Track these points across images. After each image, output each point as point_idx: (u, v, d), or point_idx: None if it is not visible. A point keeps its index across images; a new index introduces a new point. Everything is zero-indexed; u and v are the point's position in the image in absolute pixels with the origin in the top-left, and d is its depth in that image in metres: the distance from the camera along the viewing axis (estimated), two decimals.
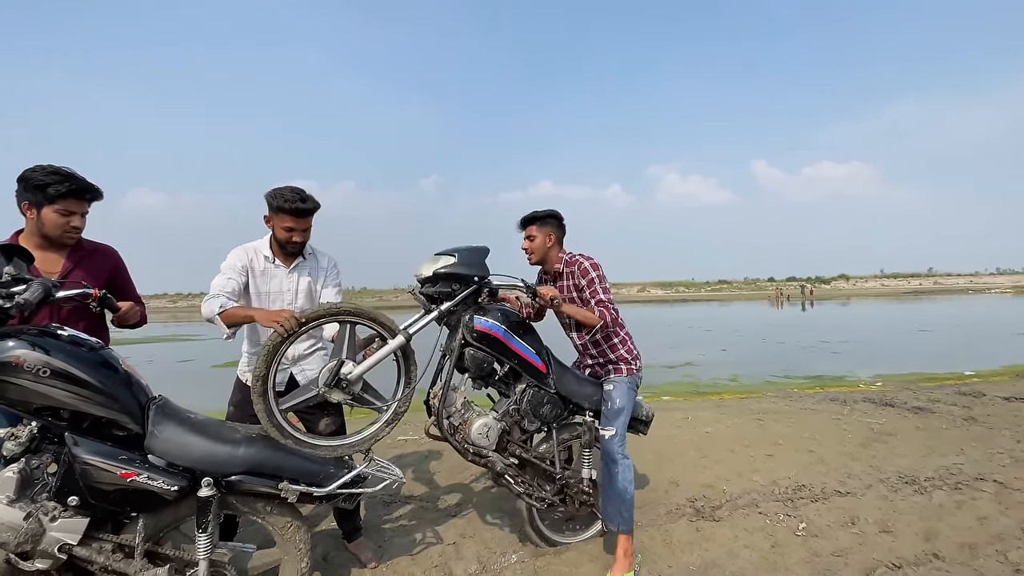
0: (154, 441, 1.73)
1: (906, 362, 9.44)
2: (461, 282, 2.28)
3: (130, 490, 1.66)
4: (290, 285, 2.42)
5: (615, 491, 2.46)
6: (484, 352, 2.33)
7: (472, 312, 2.31)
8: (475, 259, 2.31)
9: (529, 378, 2.47)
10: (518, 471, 2.48)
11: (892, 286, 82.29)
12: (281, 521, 1.93)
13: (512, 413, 2.45)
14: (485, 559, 2.59)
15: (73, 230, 2.02)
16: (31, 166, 1.94)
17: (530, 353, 2.46)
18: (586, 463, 2.65)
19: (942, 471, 3.57)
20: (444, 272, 2.25)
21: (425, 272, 2.28)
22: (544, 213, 2.65)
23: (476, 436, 2.30)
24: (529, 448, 2.55)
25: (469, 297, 2.30)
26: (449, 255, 2.28)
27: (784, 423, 4.98)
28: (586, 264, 2.56)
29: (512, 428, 2.47)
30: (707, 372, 9.19)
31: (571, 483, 2.60)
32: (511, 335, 2.39)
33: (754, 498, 3.24)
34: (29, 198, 1.94)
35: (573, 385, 2.60)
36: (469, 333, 2.28)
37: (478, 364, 2.33)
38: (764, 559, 2.53)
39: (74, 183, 1.95)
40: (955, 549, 2.57)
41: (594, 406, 2.63)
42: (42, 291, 1.54)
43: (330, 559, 2.58)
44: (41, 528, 1.59)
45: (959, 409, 5.30)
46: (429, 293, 2.30)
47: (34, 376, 1.55)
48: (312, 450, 1.98)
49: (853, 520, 2.89)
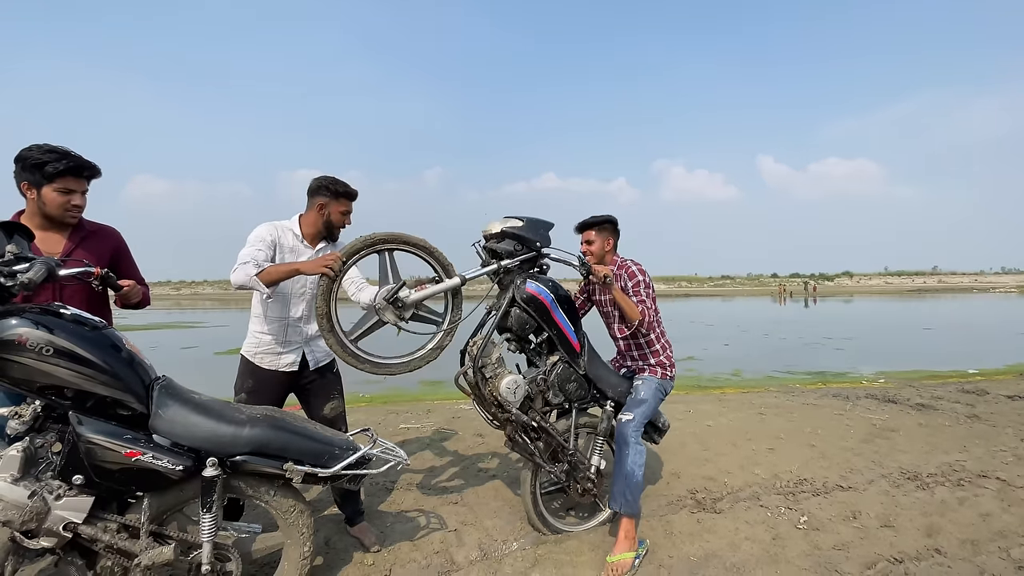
0: (159, 421, 1.73)
1: (909, 359, 9.42)
2: (524, 244, 2.41)
3: (135, 469, 1.66)
4: None
5: (623, 472, 2.49)
6: (528, 315, 2.43)
7: (526, 275, 2.43)
8: (540, 229, 2.46)
9: (563, 352, 2.55)
10: (533, 439, 2.53)
11: (896, 284, 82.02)
12: (285, 504, 1.93)
13: (540, 382, 2.51)
14: (486, 546, 2.60)
15: (74, 208, 2.02)
16: (27, 146, 1.93)
17: (569, 329, 2.55)
18: (597, 451, 2.71)
19: (945, 467, 3.56)
20: (511, 231, 2.39)
21: (494, 228, 2.41)
22: (603, 218, 2.78)
23: (504, 390, 2.34)
24: (548, 421, 2.59)
25: (527, 262, 2.43)
26: (518, 219, 2.42)
27: (786, 418, 4.98)
28: (633, 268, 2.70)
29: (536, 396, 2.51)
30: (709, 367, 9.19)
31: (579, 467, 2.64)
32: (556, 306, 2.49)
33: (755, 491, 3.24)
34: (28, 178, 1.93)
35: (601, 371, 2.69)
36: (519, 293, 2.39)
37: (521, 325, 2.44)
38: (765, 551, 2.53)
39: (72, 160, 1.95)
40: (957, 545, 2.56)
41: (617, 397, 2.70)
42: (45, 270, 1.54)
43: (332, 543, 2.59)
44: (46, 507, 1.59)
45: (962, 407, 5.29)
46: (492, 248, 2.42)
47: (37, 355, 1.55)
48: (388, 369, 2.21)
49: (855, 514, 2.88)
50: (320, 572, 2.34)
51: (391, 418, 5.07)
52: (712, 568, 2.40)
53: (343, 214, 2.50)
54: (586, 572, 2.38)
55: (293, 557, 1.97)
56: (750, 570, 2.38)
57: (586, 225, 2.79)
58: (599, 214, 2.79)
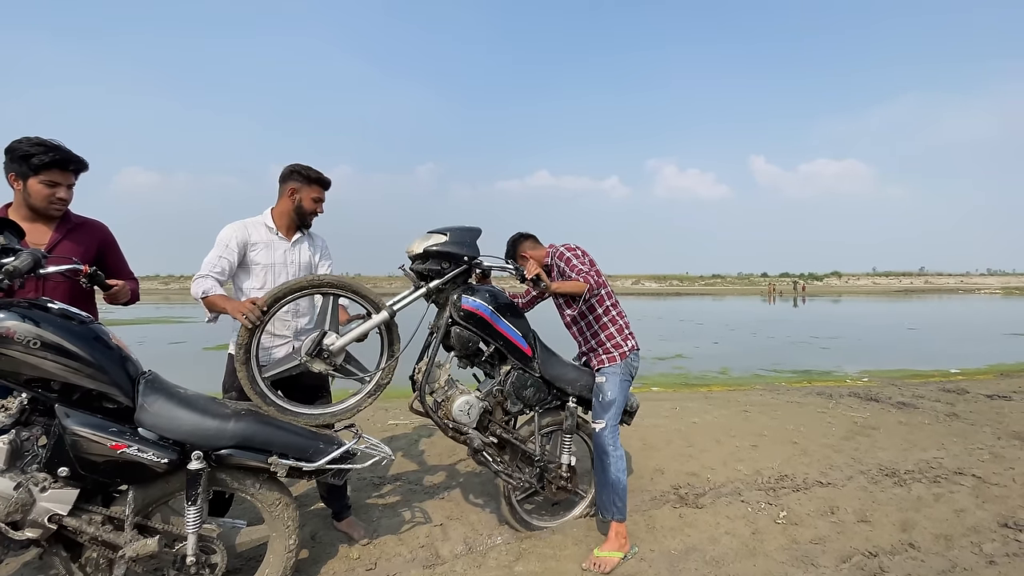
0: (144, 414, 1.75)
1: (893, 359, 9.58)
2: (451, 261, 2.31)
3: (120, 462, 1.67)
4: (292, 258, 2.48)
5: (608, 481, 2.51)
6: (470, 331, 2.36)
7: (460, 291, 2.34)
8: (466, 239, 2.34)
9: (514, 360, 2.50)
10: (498, 451, 2.52)
11: (884, 284, 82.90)
12: (270, 498, 1.95)
13: (496, 394, 2.48)
14: (471, 540, 2.63)
15: (59, 201, 2.01)
16: (17, 138, 1.94)
17: (516, 335, 2.48)
18: (566, 449, 2.68)
19: (922, 465, 3.64)
20: (435, 250, 2.27)
21: (416, 249, 2.30)
22: (510, 248, 2.78)
23: (457, 413, 2.33)
24: (511, 430, 2.58)
25: (458, 276, 2.33)
26: (441, 233, 2.30)
27: (770, 415, 5.05)
28: (560, 250, 2.68)
29: (495, 408, 2.50)
30: (697, 364, 9.27)
31: (550, 467, 2.64)
32: (498, 316, 2.41)
33: (737, 487, 3.30)
34: (15, 169, 1.94)
35: (558, 370, 2.63)
36: (456, 312, 2.31)
37: (464, 343, 2.36)
38: (744, 545, 2.59)
39: (58, 153, 1.95)
40: (931, 540, 2.63)
41: (578, 392, 2.66)
42: (31, 260, 1.55)
43: (318, 538, 2.61)
44: (31, 498, 1.60)
45: (942, 405, 5.40)
46: (419, 270, 2.32)
47: (24, 347, 1.56)
48: (293, 418, 2.02)
49: (832, 509, 2.95)
50: (306, 565, 2.36)
51: (379, 414, 5.09)
52: (692, 562, 2.44)
53: (315, 200, 2.45)
54: (569, 566, 2.42)
55: (278, 550, 1.99)
56: (729, 563, 2.43)
57: (511, 256, 2.78)
58: (507, 245, 2.80)
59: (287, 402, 2.07)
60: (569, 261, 2.61)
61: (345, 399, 2.20)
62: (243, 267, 2.39)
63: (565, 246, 2.68)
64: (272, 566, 1.99)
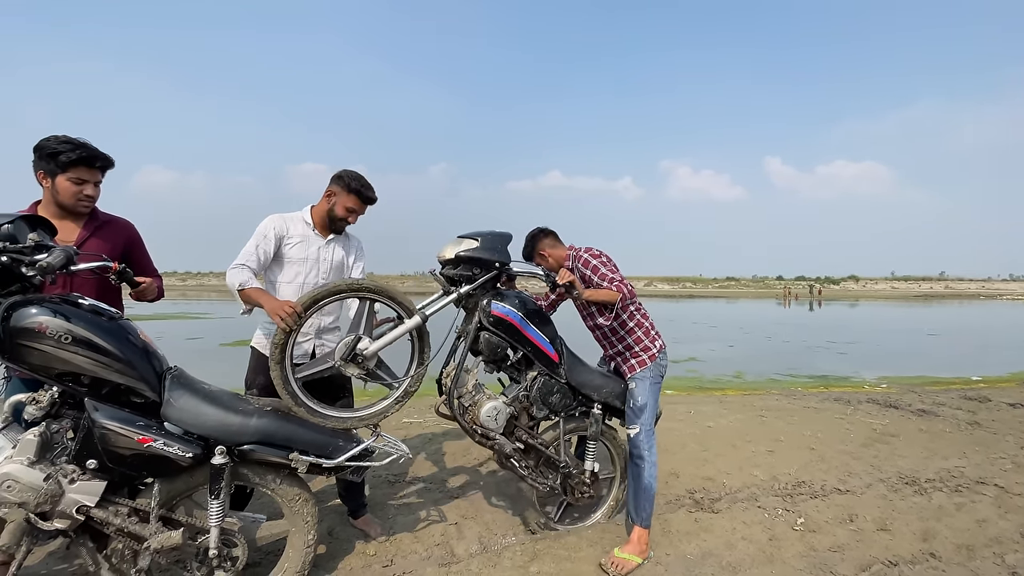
0: (170, 409, 1.79)
1: (912, 365, 9.41)
2: (482, 266, 2.30)
3: (146, 456, 1.71)
4: (326, 255, 2.51)
5: (641, 487, 2.51)
6: (499, 337, 2.36)
7: (490, 297, 2.35)
8: (497, 244, 2.33)
9: (541, 366, 2.50)
10: (523, 456, 2.51)
11: (902, 289, 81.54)
12: (290, 493, 1.99)
13: (522, 399, 2.48)
14: (486, 540, 2.64)
15: (86, 198, 2.05)
16: (46, 136, 1.98)
17: (544, 342, 2.48)
18: (590, 455, 2.66)
19: (943, 473, 3.58)
20: (466, 255, 2.28)
21: (447, 254, 2.31)
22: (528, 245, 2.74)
23: (485, 418, 2.34)
24: (536, 435, 2.58)
25: (488, 282, 2.33)
26: (472, 239, 2.30)
27: (786, 420, 5.00)
28: (585, 255, 2.61)
29: (520, 414, 2.50)
30: (711, 368, 9.20)
31: (573, 473, 2.63)
32: (527, 322, 2.42)
33: (753, 492, 3.27)
34: (44, 167, 1.98)
35: (584, 376, 2.62)
36: (486, 317, 2.32)
37: (492, 348, 2.37)
38: (761, 551, 2.57)
39: (85, 151, 1.99)
40: (952, 550, 2.59)
41: (604, 399, 2.64)
42: (64, 257, 1.58)
43: (335, 534, 2.64)
44: (60, 490, 1.64)
45: (964, 413, 5.29)
46: (450, 275, 2.33)
47: (56, 342, 1.60)
48: (322, 420, 2.03)
49: (851, 517, 2.91)
50: (323, 561, 2.39)
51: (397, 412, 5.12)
52: (708, 566, 2.43)
53: (348, 210, 2.45)
54: (584, 567, 2.42)
55: (297, 545, 2.02)
56: (746, 569, 2.41)
57: (527, 257, 2.76)
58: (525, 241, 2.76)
59: (317, 403, 2.08)
60: (597, 269, 2.55)
61: (374, 403, 2.21)
62: (276, 260, 2.43)
63: (589, 251, 2.63)
64: (291, 560, 2.03)
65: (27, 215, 1.71)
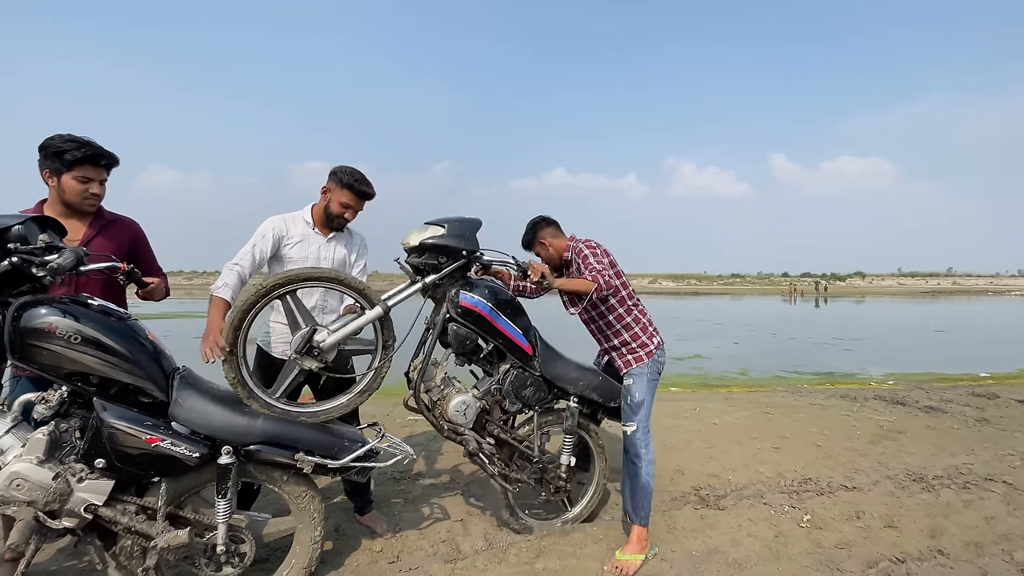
0: (178, 409, 1.80)
1: (920, 361, 9.35)
2: (449, 255, 2.22)
3: (154, 455, 1.73)
4: (327, 254, 2.50)
5: (639, 486, 2.48)
6: (468, 329, 2.29)
7: (459, 287, 2.28)
8: (465, 231, 2.25)
9: (514, 358, 2.44)
10: (496, 450, 2.46)
11: (909, 285, 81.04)
12: (297, 490, 2.01)
13: (494, 393, 2.43)
14: (491, 536, 2.65)
15: (92, 197, 2.05)
16: (50, 135, 1.98)
17: (516, 333, 2.41)
18: (566, 449, 2.61)
19: (951, 470, 3.56)
20: (431, 243, 2.20)
21: (412, 241, 2.22)
22: (530, 231, 2.70)
23: (453, 413, 2.30)
24: (509, 429, 2.53)
25: (456, 271, 2.26)
26: (438, 225, 2.22)
27: (792, 417, 4.98)
28: (580, 245, 2.57)
29: (493, 408, 2.46)
30: (716, 365, 9.17)
31: (548, 468, 2.59)
32: (497, 313, 2.34)
33: (759, 489, 3.27)
34: (49, 166, 1.98)
35: (559, 369, 2.56)
36: (454, 308, 2.25)
37: (461, 340, 2.30)
38: (767, 548, 2.56)
39: (90, 149, 1.99)
40: (960, 547, 2.57)
41: (580, 391, 2.58)
42: (74, 258, 1.60)
43: (342, 530, 2.65)
44: (68, 488, 1.66)
45: (972, 410, 5.26)
46: (415, 264, 2.25)
47: (66, 342, 1.61)
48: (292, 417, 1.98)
49: (858, 514, 2.90)
50: (330, 557, 2.40)
51: (399, 409, 5.12)
52: (714, 563, 2.43)
53: (343, 206, 2.41)
54: (589, 563, 2.42)
55: (304, 541, 2.04)
56: (751, 566, 2.41)
57: (526, 245, 2.73)
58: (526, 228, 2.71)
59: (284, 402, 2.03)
60: (586, 259, 2.49)
61: (336, 397, 2.14)
62: (278, 260, 2.43)
63: (586, 242, 2.60)
64: (299, 556, 2.05)
65: (37, 216, 1.72)
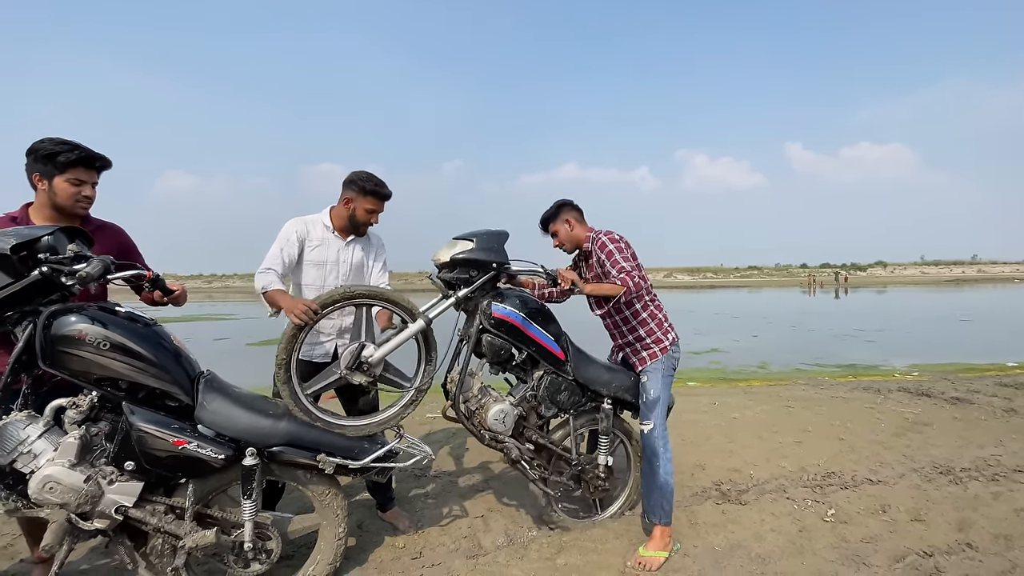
0: (203, 412, 1.84)
1: (945, 352, 9.16)
2: (479, 268, 2.28)
3: (181, 457, 1.77)
4: (345, 257, 2.54)
5: (657, 484, 2.47)
6: (502, 339, 2.34)
7: (490, 298, 2.32)
8: (493, 244, 2.31)
9: (547, 365, 2.48)
10: (534, 455, 2.50)
11: (932, 274, 79.26)
12: (320, 489, 2.05)
13: (529, 399, 2.47)
14: (512, 532, 2.67)
15: (85, 199, 2.00)
16: (38, 139, 1.93)
17: (548, 340, 2.45)
18: (603, 450, 2.64)
19: (979, 462, 3.49)
20: (462, 258, 2.26)
21: (443, 257, 2.29)
22: (554, 208, 2.68)
23: (493, 422, 2.34)
24: (545, 433, 2.57)
25: (487, 283, 2.31)
26: (467, 240, 2.28)
27: (814, 411, 4.92)
28: (603, 239, 2.54)
29: (529, 414, 2.49)
30: (735, 359, 9.08)
31: (587, 469, 2.63)
32: (529, 322, 2.39)
33: (782, 483, 3.23)
34: (40, 169, 1.93)
35: (592, 372, 2.59)
36: (487, 319, 2.30)
37: (495, 350, 2.35)
38: (791, 543, 2.54)
39: (83, 151, 1.95)
40: (989, 540, 2.52)
41: (613, 393, 2.61)
42: (102, 267, 1.63)
43: (364, 527, 2.69)
44: (100, 491, 1.70)
45: (1000, 400, 5.14)
46: (447, 278, 2.31)
47: (95, 349, 1.66)
48: (340, 430, 2.06)
49: (884, 508, 2.86)
50: (354, 553, 2.44)
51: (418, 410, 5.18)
52: (737, 558, 2.41)
53: (368, 212, 2.49)
54: (611, 559, 2.42)
55: (328, 538, 2.08)
56: (775, 561, 2.39)
57: (545, 223, 2.70)
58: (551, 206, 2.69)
59: (331, 415, 2.10)
60: (611, 255, 2.47)
61: (385, 409, 2.24)
62: (299, 262, 2.48)
63: (608, 235, 2.55)
64: (323, 553, 2.09)
65: (66, 227, 1.75)
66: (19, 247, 1.58)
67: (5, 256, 1.56)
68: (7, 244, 1.56)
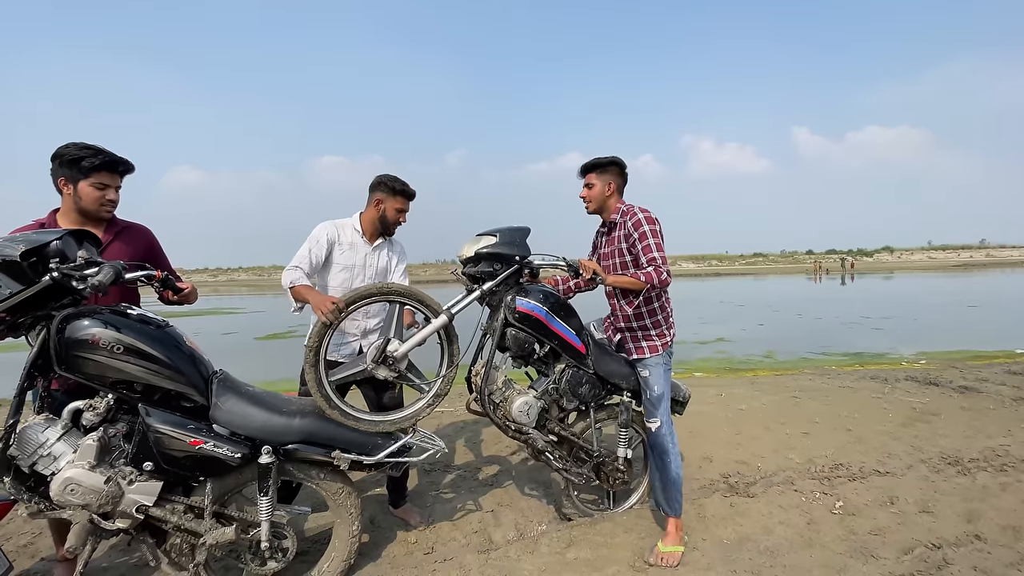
0: (218, 412, 1.87)
1: (953, 339, 9.11)
2: (503, 262, 2.33)
3: (198, 456, 1.80)
4: (372, 261, 2.63)
5: (668, 480, 2.51)
6: (525, 332, 2.38)
7: (514, 292, 2.36)
8: (516, 239, 2.35)
9: (569, 358, 2.51)
10: (555, 447, 2.55)
11: (940, 259, 78.67)
12: (334, 487, 2.07)
13: (551, 392, 2.51)
14: (522, 527, 2.70)
15: (109, 203, 2.05)
16: (62, 144, 1.97)
17: (570, 334, 2.49)
18: (622, 442, 2.69)
19: (987, 452, 3.49)
20: (486, 252, 2.31)
21: (467, 252, 2.34)
22: (607, 160, 2.56)
23: (517, 414, 2.38)
24: (567, 426, 2.62)
25: (510, 277, 2.35)
26: (491, 235, 2.33)
27: (821, 401, 4.92)
28: (640, 216, 2.43)
29: (551, 406, 2.54)
30: (741, 348, 9.08)
31: (607, 461, 2.67)
32: (552, 316, 2.42)
33: (789, 475, 3.25)
34: (65, 174, 1.97)
35: (611, 366, 2.62)
36: (511, 313, 2.33)
37: (519, 344, 2.39)
38: (799, 535, 2.56)
39: (107, 155, 2.00)
40: (998, 531, 2.53)
41: (632, 386, 2.65)
42: (113, 273, 1.65)
43: (377, 522, 2.73)
44: (120, 491, 1.73)
45: (1008, 389, 5.13)
46: (471, 273, 2.36)
47: (109, 352, 1.68)
48: (355, 424, 2.06)
49: (892, 500, 2.87)
50: (367, 549, 2.48)
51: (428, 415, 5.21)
52: (745, 551, 2.44)
53: (398, 211, 2.60)
54: (620, 552, 2.45)
55: (343, 535, 2.12)
56: (784, 553, 2.41)
57: (588, 168, 2.58)
58: (602, 159, 2.57)
59: (350, 407, 2.11)
60: (645, 237, 2.39)
61: (406, 407, 2.26)
62: (327, 264, 2.55)
63: (645, 213, 2.44)
64: (338, 549, 2.12)
65: (74, 230, 1.77)
66: (28, 253, 1.59)
67: (15, 263, 1.57)
68: (16, 251, 1.57)
